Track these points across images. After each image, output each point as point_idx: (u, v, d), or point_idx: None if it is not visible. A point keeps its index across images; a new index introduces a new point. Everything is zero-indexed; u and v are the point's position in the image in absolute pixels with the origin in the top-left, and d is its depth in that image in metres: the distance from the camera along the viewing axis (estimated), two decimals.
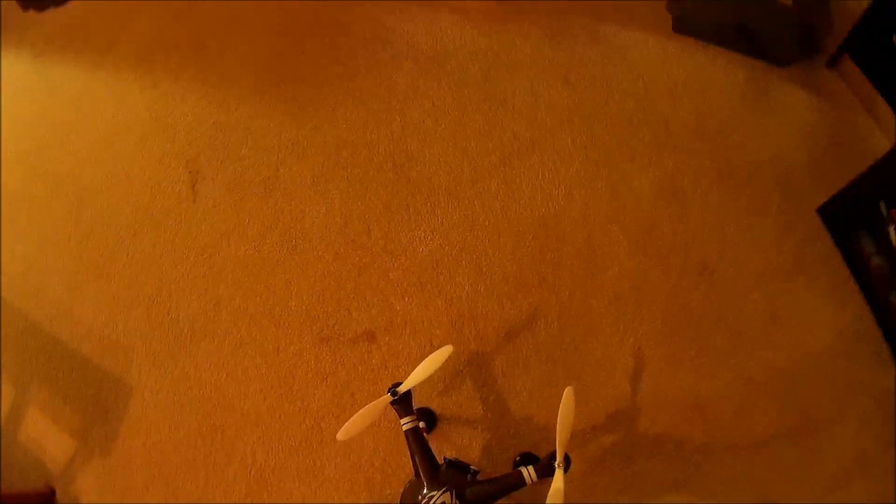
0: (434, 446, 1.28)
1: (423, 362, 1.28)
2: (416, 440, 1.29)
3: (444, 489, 1.21)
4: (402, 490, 1.31)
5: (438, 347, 1.30)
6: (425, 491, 1.22)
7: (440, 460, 1.30)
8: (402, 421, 1.28)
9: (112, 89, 2.08)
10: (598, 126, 1.67)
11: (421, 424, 1.42)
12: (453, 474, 1.27)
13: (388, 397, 1.27)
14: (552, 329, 1.51)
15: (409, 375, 1.25)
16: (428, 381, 1.49)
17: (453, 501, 1.20)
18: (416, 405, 1.33)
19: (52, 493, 1.68)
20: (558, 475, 1.19)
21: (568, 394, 1.20)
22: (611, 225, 1.56)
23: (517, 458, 1.47)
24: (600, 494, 1.50)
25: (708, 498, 1.52)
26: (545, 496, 1.15)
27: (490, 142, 1.66)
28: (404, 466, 1.50)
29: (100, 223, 1.86)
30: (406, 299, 1.54)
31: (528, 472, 1.22)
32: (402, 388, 1.28)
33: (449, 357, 1.27)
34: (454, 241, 1.55)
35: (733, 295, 1.58)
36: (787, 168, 1.70)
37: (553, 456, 1.21)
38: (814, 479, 1.55)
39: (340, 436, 1.27)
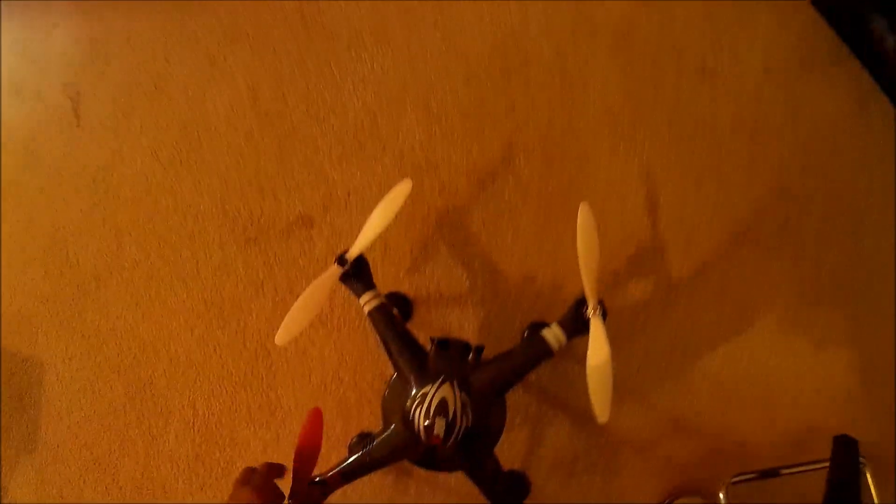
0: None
1: (375, 210, 0.88)
2: (386, 323, 0.89)
3: (440, 381, 0.81)
4: (381, 400, 0.90)
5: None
6: (414, 390, 0.82)
7: (426, 346, 0.89)
8: (362, 300, 0.88)
9: None
10: None
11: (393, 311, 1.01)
12: (448, 359, 0.85)
13: (334, 270, 0.87)
14: (536, 164, 1.12)
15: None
16: (390, 260, 1.09)
17: (457, 395, 0.80)
18: (381, 290, 0.93)
19: None
20: (596, 326, 0.79)
21: (584, 212, 0.80)
22: (581, 33, 1.17)
23: (525, 333, 1.08)
24: (639, 359, 1.11)
25: (769, 345, 1.15)
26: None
27: None
28: (384, 374, 1.10)
29: None
30: (344, 165, 1.14)
31: (554, 333, 0.83)
32: (351, 253, 0.88)
33: (406, 199, 0.87)
34: (392, 86, 1.15)
35: (744, 95, 1.21)
36: None
37: (581, 304, 0.81)
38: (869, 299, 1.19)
39: (279, 339, 0.87)
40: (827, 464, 0.97)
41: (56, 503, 1.29)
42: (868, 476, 1.04)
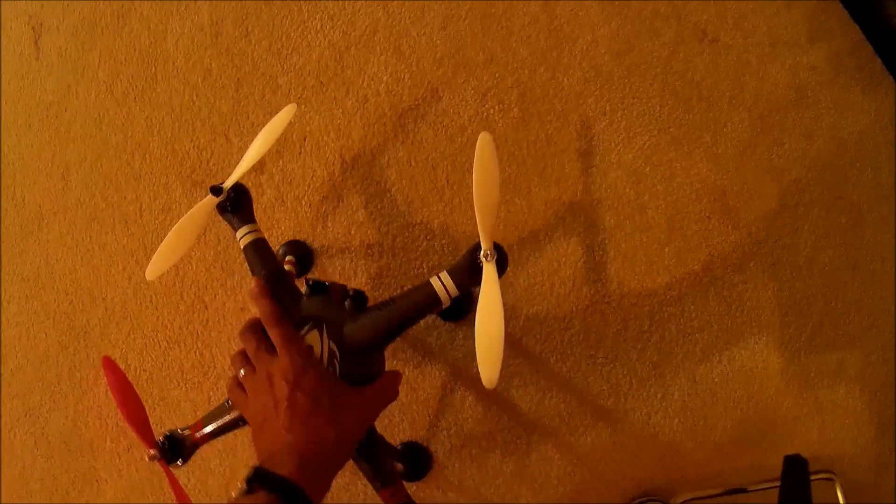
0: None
1: (259, 135, 0.74)
2: (260, 260, 0.72)
3: (308, 327, 0.65)
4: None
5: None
6: None
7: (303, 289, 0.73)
8: (238, 234, 0.73)
9: None
10: None
11: (287, 259, 0.85)
12: (321, 303, 0.68)
13: (209, 200, 0.72)
14: (512, 120, 0.95)
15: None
16: (342, 212, 0.92)
17: (325, 344, 0.64)
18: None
19: None
20: (488, 273, 0.61)
21: (484, 141, 0.62)
22: None
23: None
24: (580, 343, 0.94)
25: (746, 345, 0.98)
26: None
27: None
28: None
29: None
30: (302, 107, 0.98)
31: (442, 280, 0.64)
32: (229, 182, 0.73)
33: (292, 120, 0.72)
34: (362, 25, 0.98)
35: (746, 67, 1.03)
36: None
37: (476, 248, 0.63)
38: (874, 301, 1.02)
39: (149, 274, 0.73)
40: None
41: None
42: (838, 490, 0.95)
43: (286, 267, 0.84)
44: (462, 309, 0.90)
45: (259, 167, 0.98)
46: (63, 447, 1.10)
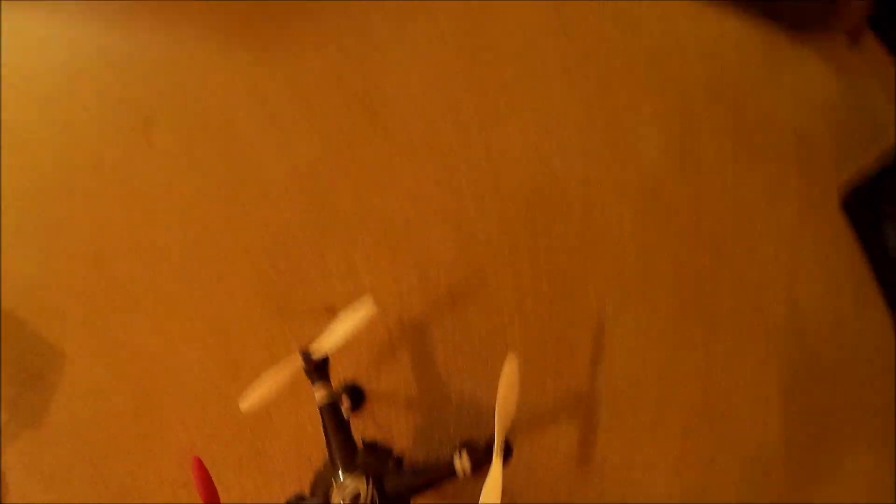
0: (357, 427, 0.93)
1: (341, 318, 0.98)
2: (331, 418, 0.97)
3: (359, 475, 0.90)
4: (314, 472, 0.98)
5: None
6: (339, 477, 0.92)
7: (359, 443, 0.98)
8: (316, 392, 0.97)
9: (66, 34, 1.63)
10: (599, 81, 1.29)
11: (344, 403, 1.07)
12: (372, 460, 0.95)
13: (298, 361, 0.97)
14: (543, 308, 1.16)
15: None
16: (395, 365, 1.12)
17: (370, 491, 0.88)
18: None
19: None
20: (495, 466, 0.84)
21: (511, 364, 0.86)
22: (612, 195, 1.20)
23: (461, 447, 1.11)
24: None
25: None
26: None
27: (478, 93, 1.27)
28: None
29: (43, 176, 1.44)
30: (375, 268, 1.18)
31: (461, 462, 0.88)
32: (316, 353, 0.97)
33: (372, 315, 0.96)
34: (433, 202, 1.19)
35: (750, 291, 1.22)
36: (807, 145, 1.33)
37: (492, 440, 0.86)
38: None
39: (244, 406, 0.97)
40: None
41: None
42: None
43: (344, 413, 1.05)
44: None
45: (333, 311, 1.18)
46: (119, 494, 1.30)
